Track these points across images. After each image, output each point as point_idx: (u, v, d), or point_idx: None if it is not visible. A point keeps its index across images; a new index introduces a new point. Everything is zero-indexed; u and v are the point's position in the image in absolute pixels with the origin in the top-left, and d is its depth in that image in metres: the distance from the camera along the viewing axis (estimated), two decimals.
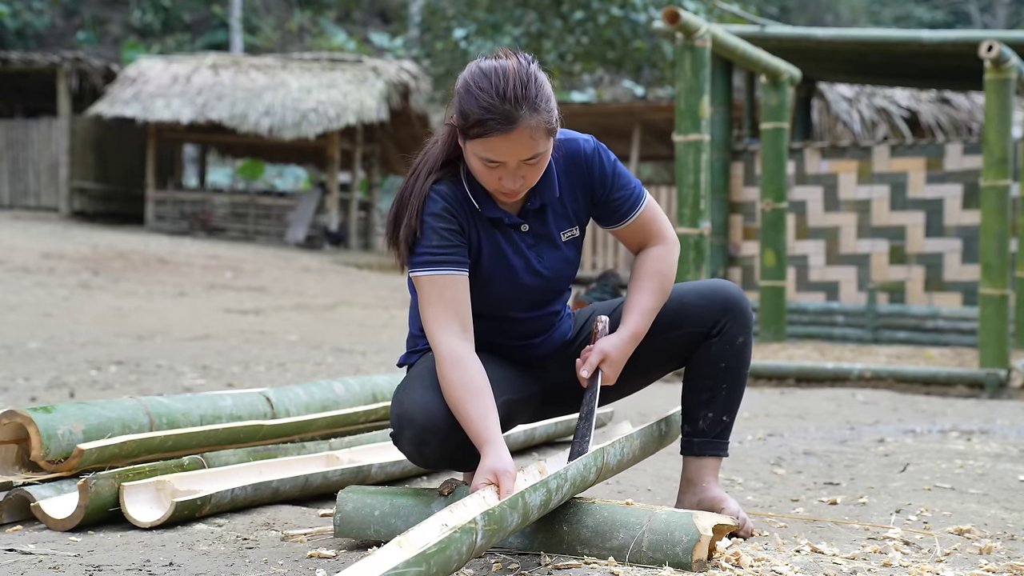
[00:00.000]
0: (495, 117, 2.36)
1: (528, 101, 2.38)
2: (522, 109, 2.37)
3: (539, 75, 2.42)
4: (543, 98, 2.40)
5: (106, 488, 2.62)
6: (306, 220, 20.13)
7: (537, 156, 2.43)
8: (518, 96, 2.37)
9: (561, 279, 2.66)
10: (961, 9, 33.42)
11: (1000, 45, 6.81)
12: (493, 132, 2.37)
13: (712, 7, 18.42)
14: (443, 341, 2.43)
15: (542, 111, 2.39)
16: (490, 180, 2.45)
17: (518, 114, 2.36)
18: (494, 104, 2.36)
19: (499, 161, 2.41)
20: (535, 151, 2.41)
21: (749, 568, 2.28)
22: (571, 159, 2.59)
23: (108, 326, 9.47)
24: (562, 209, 2.61)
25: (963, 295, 9.43)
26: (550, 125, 2.42)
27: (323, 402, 3.47)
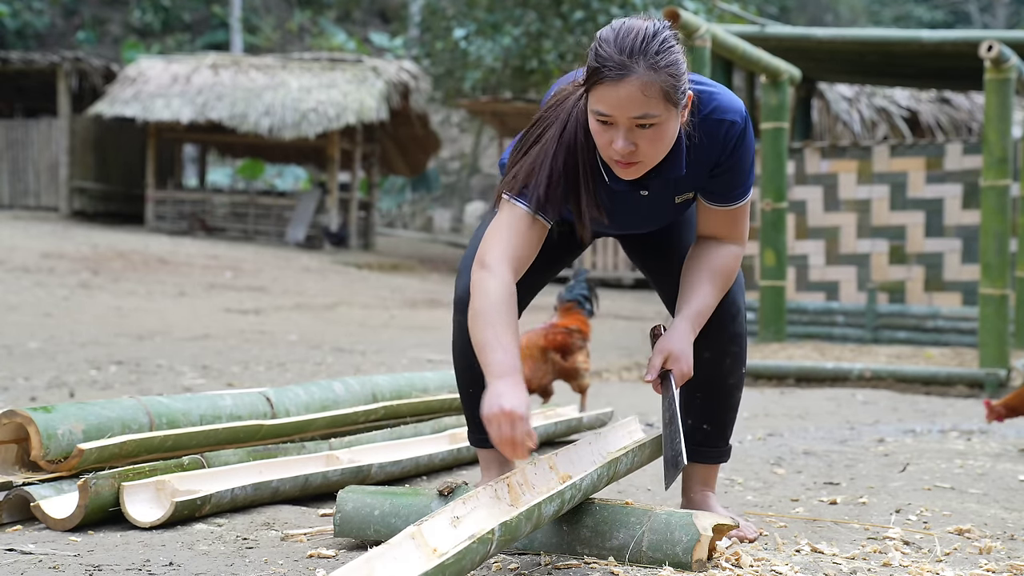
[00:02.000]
0: (609, 65, 2.31)
1: (646, 56, 2.30)
2: (638, 63, 2.30)
3: (670, 41, 2.35)
4: (666, 60, 2.32)
5: (106, 488, 2.62)
6: (306, 220, 20.13)
7: (649, 117, 2.33)
8: (635, 49, 2.31)
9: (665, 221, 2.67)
10: (961, 9, 33.42)
11: (1000, 45, 6.82)
12: (604, 80, 2.31)
13: (712, 7, 18.41)
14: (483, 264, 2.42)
15: (661, 71, 2.31)
16: (604, 143, 2.37)
17: (633, 66, 2.30)
18: (611, 54, 2.31)
19: (609, 115, 2.33)
20: (645, 110, 2.31)
21: (749, 568, 2.28)
22: (711, 135, 2.49)
23: (108, 326, 9.47)
24: (686, 178, 2.54)
25: (963, 295, 9.43)
26: (669, 90, 2.32)
27: (323, 402, 3.47)
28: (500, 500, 2.13)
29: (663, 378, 2.51)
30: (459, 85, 22.63)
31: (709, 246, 2.61)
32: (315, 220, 20.23)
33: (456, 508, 2.02)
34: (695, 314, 2.54)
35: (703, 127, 2.48)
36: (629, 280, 17.91)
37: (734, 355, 2.68)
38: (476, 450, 2.83)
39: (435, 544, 1.90)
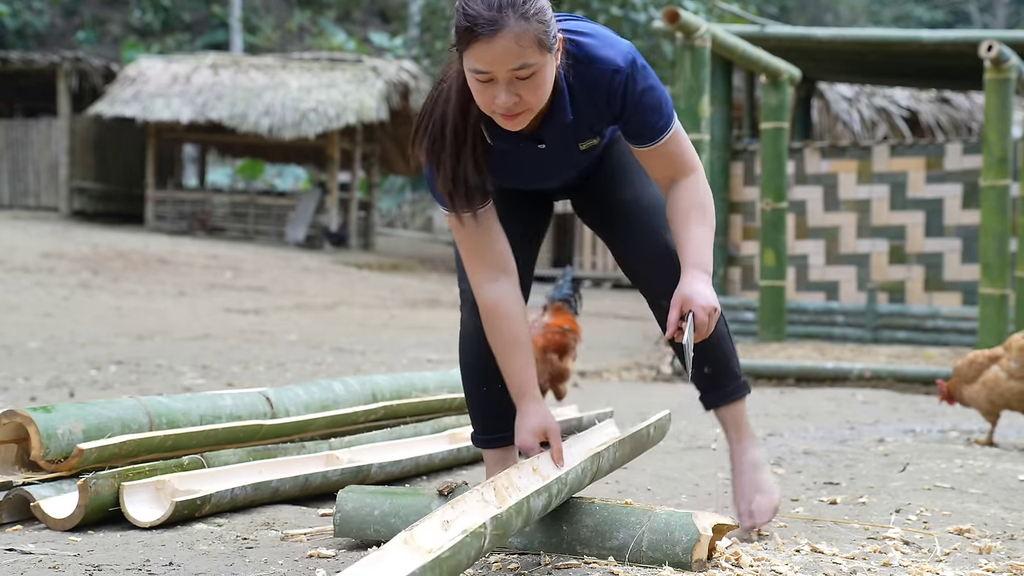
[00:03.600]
0: (480, 22, 2.31)
1: (514, 7, 2.31)
2: (508, 16, 2.30)
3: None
4: (534, 8, 2.32)
5: (106, 488, 2.62)
6: (306, 220, 20.13)
7: (527, 67, 2.34)
8: (503, 2, 2.31)
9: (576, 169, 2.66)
10: (961, 9, 33.42)
11: (1000, 45, 6.82)
12: (479, 38, 2.31)
13: (712, 7, 18.43)
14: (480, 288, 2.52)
15: (532, 20, 2.31)
16: (486, 100, 2.38)
17: (503, 19, 2.30)
18: (480, 11, 2.31)
19: (488, 71, 2.33)
20: (523, 60, 2.32)
21: (749, 568, 2.28)
22: (594, 83, 2.48)
23: (108, 326, 9.47)
24: (580, 124, 2.52)
25: (963, 295, 9.43)
26: (542, 37, 2.32)
27: (323, 402, 3.47)
28: (488, 504, 2.13)
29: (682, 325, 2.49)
30: None
31: (670, 192, 2.59)
32: (315, 220, 20.23)
33: (445, 513, 2.02)
34: (695, 258, 2.53)
35: (584, 74, 2.47)
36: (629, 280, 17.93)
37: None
38: (482, 451, 2.80)
39: (428, 546, 1.90)
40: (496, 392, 2.68)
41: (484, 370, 2.67)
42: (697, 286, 2.47)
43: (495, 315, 2.52)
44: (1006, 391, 4.22)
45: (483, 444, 2.77)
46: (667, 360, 7.38)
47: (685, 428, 4.73)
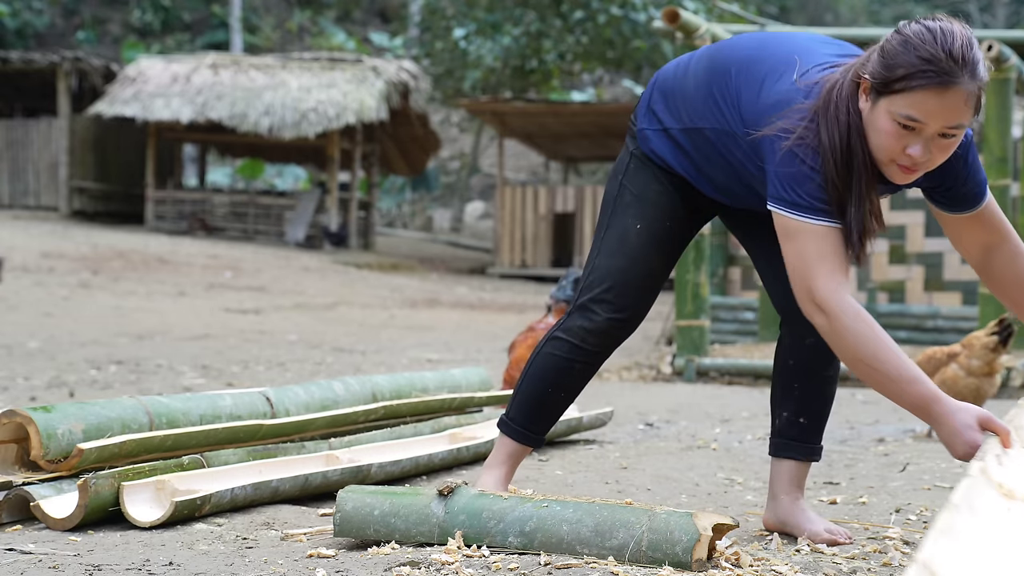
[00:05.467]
0: (935, 70, 2.19)
1: (970, 66, 2.21)
2: (964, 71, 2.20)
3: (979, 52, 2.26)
4: (983, 69, 2.24)
5: (106, 488, 2.62)
6: (306, 220, 20.13)
7: (960, 127, 2.25)
8: (964, 57, 2.20)
9: None
10: (961, 9, 33.42)
11: (1000, 45, 6.81)
12: (928, 86, 2.19)
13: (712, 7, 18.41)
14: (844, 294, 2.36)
15: (979, 81, 2.23)
16: (893, 147, 2.26)
17: (960, 73, 2.19)
18: (937, 57, 2.19)
19: (920, 122, 2.21)
20: (960, 120, 2.22)
21: (749, 568, 2.28)
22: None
23: (108, 326, 9.47)
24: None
25: (963, 294, 9.43)
26: (979, 100, 2.25)
27: (323, 402, 3.47)
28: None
29: None
30: (459, 85, 22.64)
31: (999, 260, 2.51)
32: (315, 220, 20.23)
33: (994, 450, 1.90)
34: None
35: None
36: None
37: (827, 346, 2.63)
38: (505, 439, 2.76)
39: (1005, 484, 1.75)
40: (559, 400, 2.71)
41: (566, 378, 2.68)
42: None
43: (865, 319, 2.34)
44: (963, 388, 4.28)
45: (516, 435, 2.74)
46: (667, 360, 7.38)
47: (685, 428, 4.73)
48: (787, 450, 2.69)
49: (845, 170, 2.31)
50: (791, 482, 2.68)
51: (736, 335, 9.03)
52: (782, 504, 2.67)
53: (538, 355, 2.72)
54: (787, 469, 2.69)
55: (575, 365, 2.68)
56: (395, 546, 2.43)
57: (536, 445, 2.77)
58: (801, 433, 2.67)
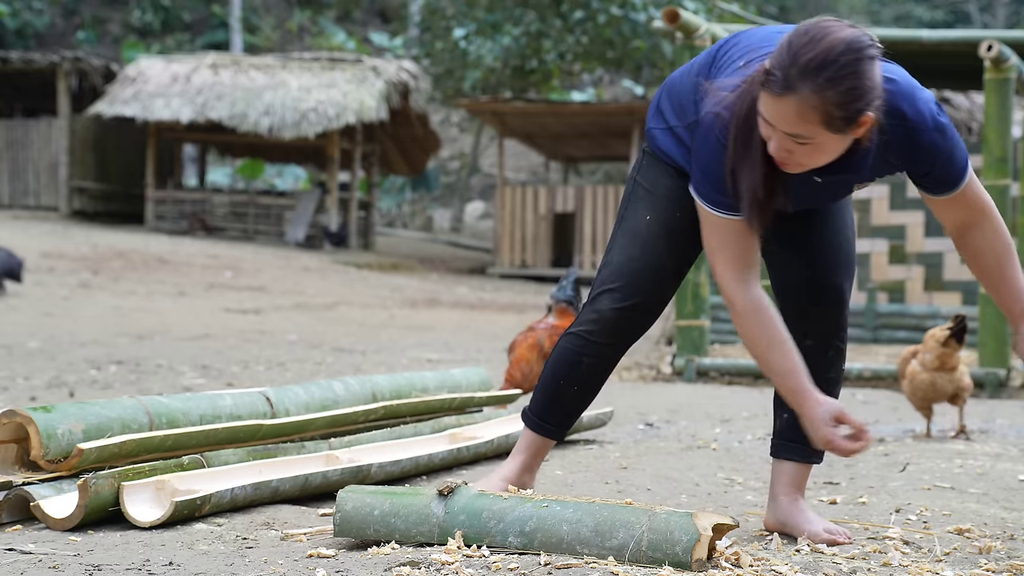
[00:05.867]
0: (775, 77, 2.22)
1: (816, 80, 2.18)
2: (804, 84, 2.18)
3: (853, 65, 2.19)
4: (843, 88, 2.18)
5: (106, 488, 2.61)
6: (306, 220, 20.13)
7: (802, 138, 2.24)
8: (808, 70, 2.18)
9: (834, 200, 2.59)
10: (961, 9, 33.42)
11: (1000, 45, 6.81)
12: (768, 90, 2.23)
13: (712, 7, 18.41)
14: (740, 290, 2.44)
15: (829, 98, 2.18)
16: (765, 134, 2.31)
17: (798, 85, 2.19)
18: (783, 64, 2.21)
19: (767, 121, 2.27)
20: (798, 131, 2.23)
21: (749, 568, 2.28)
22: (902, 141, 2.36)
23: (108, 326, 9.47)
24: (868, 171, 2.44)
25: (963, 294, 9.42)
26: (832, 116, 2.20)
27: (323, 402, 3.47)
28: None
29: None
30: (459, 85, 22.64)
31: (968, 238, 2.49)
32: (315, 220, 20.23)
33: None
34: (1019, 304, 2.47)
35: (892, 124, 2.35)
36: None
37: (837, 348, 2.65)
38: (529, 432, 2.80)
39: None
40: (572, 394, 2.74)
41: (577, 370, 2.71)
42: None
43: (760, 314, 2.43)
44: (919, 384, 4.38)
45: (532, 425, 2.79)
46: (667, 360, 7.38)
47: (685, 428, 4.73)
48: (787, 451, 2.70)
49: (744, 151, 2.35)
50: (791, 483, 2.69)
51: (736, 335, 9.03)
52: (782, 505, 2.68)
53: (555, 348, 2.78)
54: (787, 470, 2.70)
55: (583, 359, 2.70)
56: (395, 546, 2.43)
57: (552, 436, 2.81)
58: (802, 435, 2.65)
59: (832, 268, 2.64)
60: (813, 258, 2.64)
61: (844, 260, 2.65)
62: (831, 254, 2.64)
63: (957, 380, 4.38)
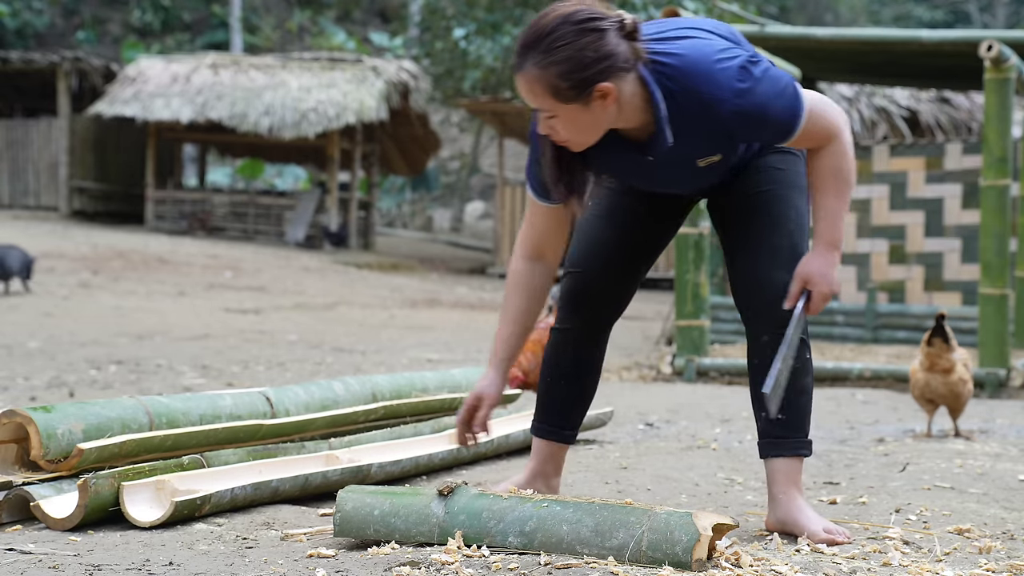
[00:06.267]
0: (514, 58, 2.38)
1: (535, 54, 2.32)
2: (527, 60, 2.33)
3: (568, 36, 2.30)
4: (557, 58, 2.30)
5: (106, 487, 2.62)
6: (306, 220, 20.13)
7: (545, 112, 2.35)
8: (528, 45, 2.33)
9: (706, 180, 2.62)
10: (961, 9, 33.42)
11: (1000, 45, 6.81)
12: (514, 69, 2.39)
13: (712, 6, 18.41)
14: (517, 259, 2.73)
15: (549, 69, 2.30)
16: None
17: (522, 63, 2.34)
18: (519, 44, 2.37)
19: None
20: (538, 104, 2.35)
21: (749, 568, 2.28)
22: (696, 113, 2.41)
23: (108, 326, 9.47)
24: (690, 143, 2.47)
25: (963, 295, 9.43)
26: (559, 88, 2.31)
27: (323, 402, 3.46)
28: None
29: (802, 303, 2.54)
30: (459, 85, 22.62)
31: (811, 158, 2.54)
32: (315, 220, 20.23)
33: None
34: (826, 233, 2.51)
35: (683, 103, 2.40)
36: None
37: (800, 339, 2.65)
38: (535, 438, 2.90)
39: None
40: (559, 388, 2.82)
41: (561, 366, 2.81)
42: (820, 264, 2.50)
43: (513, 280, 2.70)
44: (916, 382, 4.41)
45: (537, 432, 2.87)
46: (667, 360, 7.38)
47: (685, 428, 4.73)
48: (773, 448, 2.70)
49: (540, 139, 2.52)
50: (785, 480, 2.68)
51: (736, 335, 9.03)
52: (780, 504, 2.67)
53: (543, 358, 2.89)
54: (778, 468, 2.69)
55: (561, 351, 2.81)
56: (395, 546, 2.43)
57: (552, 438, 2.85)
58: (784, 429, 2.67)
59: (769, 264, 2.63)
60: (749, 255, 2.66)
61: (785, 255, 2.63)
62: (767, 251, 2.64)
63: (951, 384, 4.36)
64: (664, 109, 2.40)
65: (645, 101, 2.40)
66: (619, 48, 2.34)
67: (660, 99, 2.39)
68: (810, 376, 2.67)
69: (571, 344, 2.80)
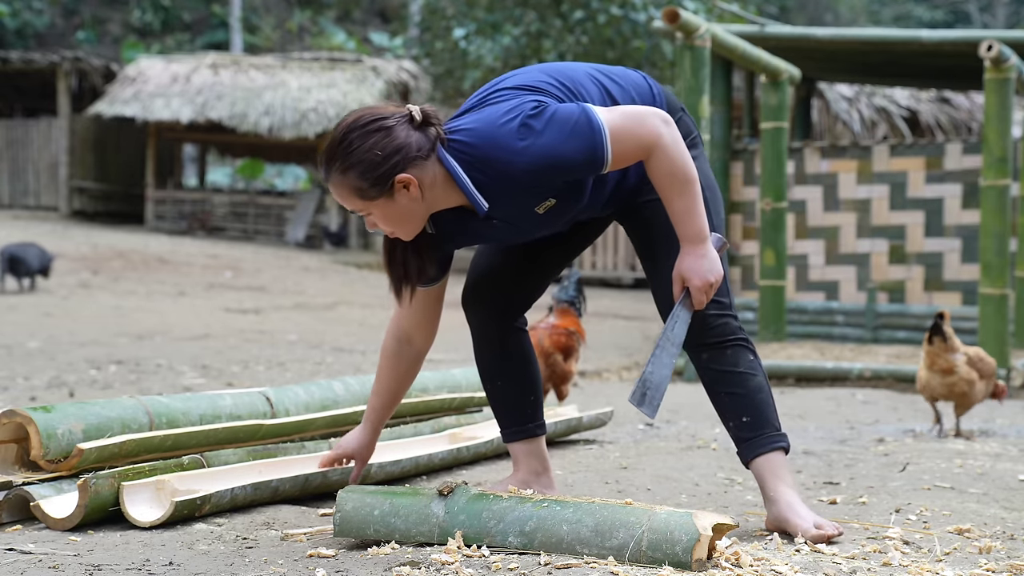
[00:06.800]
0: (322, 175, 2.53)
1: (334, 163, 2.46)
2: (330, 171, 2.48)
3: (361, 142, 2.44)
4: (354, 161, 2.44)
5: (106, 487, 2.61)
6: (306, 220, 20.13)
7: (360, 212, 2.50)
8: (328, 157, 2.48)
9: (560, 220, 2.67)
10: (961, 9, 33.42)
11: (1000, 45, 6.82)
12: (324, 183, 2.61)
13: (712, 7, 18.42)
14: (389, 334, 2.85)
15: (348, 174, 2.45)
16: None
17: (328, 174, 2.49)
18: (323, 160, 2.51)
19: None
20: (353, 208, 2.49)
21: (749, 568, 2.28)
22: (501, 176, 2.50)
23: (108, 326, 9.47)
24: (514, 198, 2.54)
25: (963, 294, 9.43)
26: (362, 188, 2.45)
27: (323, 402, 3.46)
28: None
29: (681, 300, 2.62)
30: (459, 85, 22.62)
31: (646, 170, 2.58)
32: (315, 220, 20.23)
33: None
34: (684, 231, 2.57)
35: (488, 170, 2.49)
36: (629, 280, 17.91)
37: (732, 344, 2.72)
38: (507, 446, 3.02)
39: None
40: (504, 389, 2.94)
41: (489, 370, 2.95)
42: (689, 261, 2.58)
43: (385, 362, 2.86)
44: (919, 379, 4.47)
45: (505, 438, 2.99)
46: None
47: (685, 428, 4.73)
48: (750, 451, 2.72)
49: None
50: (772, 477, 2.70)
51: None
52: (774, 504, 2.69)
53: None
54: (762, 468, 2.71)
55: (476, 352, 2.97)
56: (395, 546, 2.43)
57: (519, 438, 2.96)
58: (751, 430, 2.71)
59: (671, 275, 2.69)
60: (660, 281, 2.75)
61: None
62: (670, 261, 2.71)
63: (950, 383, 4.37)
64: (468, 182, 2.50)
65: (450, 179, 2.51)
66: (410, 139, 2.46)
67: (461, 173, 2.49)
68: (760, 375, 2.73)
69: (484, 345, 2.94)
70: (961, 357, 4.41)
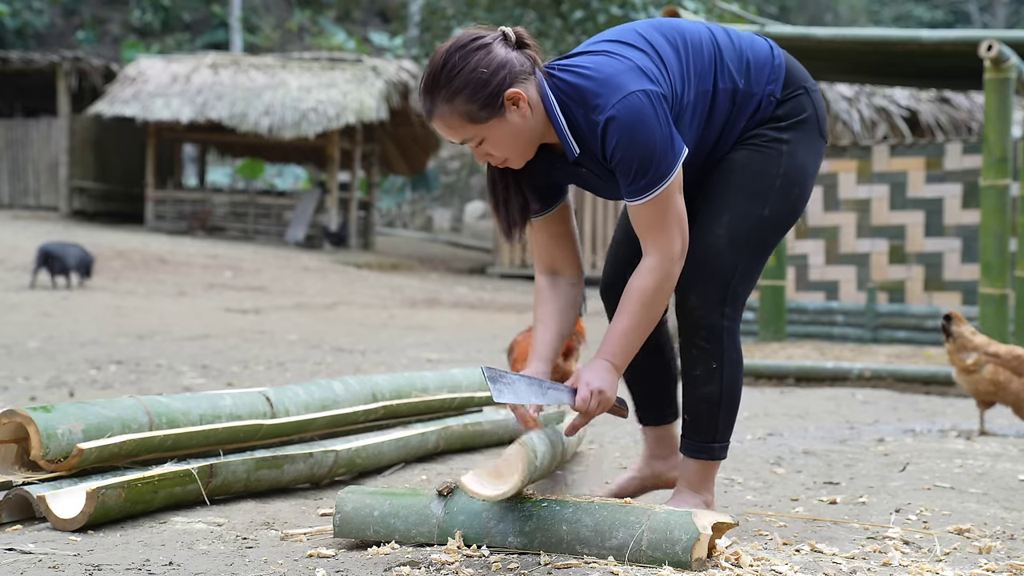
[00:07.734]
0: (421, 109, 2.49)
1: (437, 92, 2.41)
2: (434, 102, 2.42)
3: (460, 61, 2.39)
4: (460, 84, 2.39)
5: (112, 498, 2.61)
6: (306, 220, 20.13)
7: (470, 141, 2.44)
8: (428, 87, 2.42)
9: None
10: (961, 9, 33.42)
11: (1000, 45, 6.82)
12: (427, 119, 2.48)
13: (712, 7, 18.42)
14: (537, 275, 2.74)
15: (456, 99, 2.39)
16: None
17: (431, 107, 2.43)
18: (421, 95, 2.46)
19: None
20: (461, 137, 2.43)
21: (749, 567, 2.28)
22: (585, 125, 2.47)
23: (108, 326, 9.47)
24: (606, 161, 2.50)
25: (963, 294, 9.42)
26: (472, 111, 2.40)
27: (323, 401, 3.46)
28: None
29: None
30: None
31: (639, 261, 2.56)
32: (315, 220, 20.22)
33: None
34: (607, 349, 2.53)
35: (578, 116, 2.47)
36: None
37: (701, 348, 2.63)
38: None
39: None
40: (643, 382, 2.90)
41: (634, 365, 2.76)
42: (590, 374, 2.52)
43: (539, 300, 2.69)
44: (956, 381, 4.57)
45: (639, 420, 2.97)
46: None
47: None
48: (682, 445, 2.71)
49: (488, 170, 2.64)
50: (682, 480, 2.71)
51: (742, 334, 9.05)
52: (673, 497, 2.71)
53: None
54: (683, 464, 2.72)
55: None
56: (395, 546, 2.43)
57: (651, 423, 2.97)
58: (688, 430, 2.70)
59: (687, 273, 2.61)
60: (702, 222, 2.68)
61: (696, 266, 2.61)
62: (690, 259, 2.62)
63: (974, 382, 4.47)
64: (562, 120, 2.47)
65: (545, 115, 2.48)
66: (510, 56, 2.43)
67: (556, 109, 2.46)
68: (714, 385, 2.64)
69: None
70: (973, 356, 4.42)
